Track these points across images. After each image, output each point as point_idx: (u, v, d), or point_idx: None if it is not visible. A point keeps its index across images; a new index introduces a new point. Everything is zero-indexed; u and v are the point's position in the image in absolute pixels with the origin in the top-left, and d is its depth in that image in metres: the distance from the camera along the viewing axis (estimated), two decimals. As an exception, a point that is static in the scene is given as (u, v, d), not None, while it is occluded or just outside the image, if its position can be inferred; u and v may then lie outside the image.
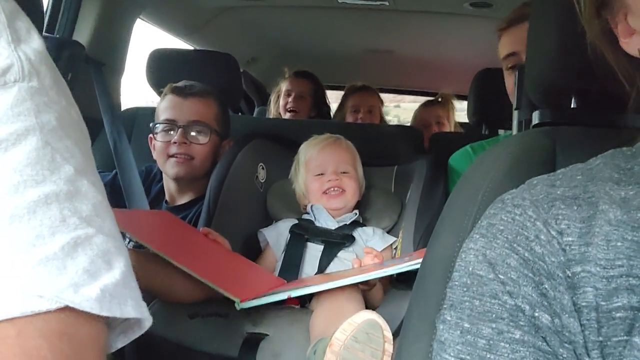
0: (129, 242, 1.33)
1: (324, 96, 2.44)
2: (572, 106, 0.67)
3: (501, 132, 1.81)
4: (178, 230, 1.26)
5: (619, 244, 0.39)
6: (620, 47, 0.47)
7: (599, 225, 0.40)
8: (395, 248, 1.33)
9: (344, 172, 1.35)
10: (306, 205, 1.39)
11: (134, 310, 0.36)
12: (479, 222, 0.47)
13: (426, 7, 1.83)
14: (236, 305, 0.96)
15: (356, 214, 1.35)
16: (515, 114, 0.81)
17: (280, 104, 2.33)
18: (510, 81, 1.23)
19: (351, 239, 1.28)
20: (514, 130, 0.81)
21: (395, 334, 0.81)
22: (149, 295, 1.02)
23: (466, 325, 0.42)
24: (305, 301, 1.11)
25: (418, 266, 0.60)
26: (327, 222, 1.33)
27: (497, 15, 1.74)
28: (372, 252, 1.11)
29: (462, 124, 2.53)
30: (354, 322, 0.81)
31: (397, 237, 1.34)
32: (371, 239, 1.30)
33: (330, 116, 2.54)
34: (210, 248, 1.18)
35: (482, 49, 2.19)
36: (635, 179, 0.42)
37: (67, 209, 0.35)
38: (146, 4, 1.76)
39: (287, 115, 2.29)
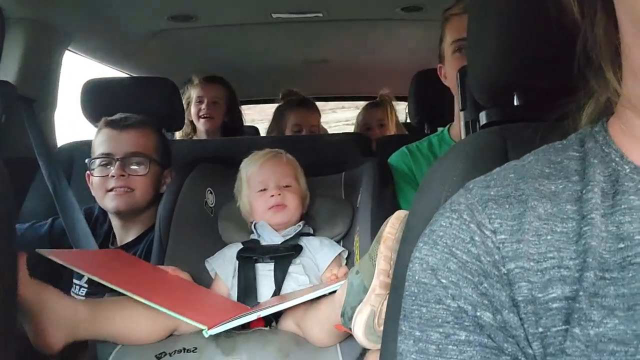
0: (80, 289, 1.27)
1: (236, 101, 2.36)
2: (515, 104, 0.69)
3: (440, 129, 1.86)
4: (134, 265, 1.21)
5: (549, 237, 0.40)
6: None
7: (528, 222, 0.42)
8: (348, 257, 1.34)
9: (286, 186, 1.35)
10: (252, 222, 1.38)
11: None
12: (424, 230, 0.48)
13: (359, 14, 1.86)
14: (204, 332, 0.93)
15: (300, 225, 1.34)
16: (461, 115, 0.83)
17: (192, 111, 2.23)
18: (455, 66, 1.26)
19: (298, 249, 1.28)
20: (462, 131, 0.83)
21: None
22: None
23: (417, 333, 0.43)
24: (270, 321, 1.09)
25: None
26: (273, 238, 1.32)
27: (428, 17, 1.80)
28: (333, 277, 1.10)
29: (406, 125, 2.59)
30: (399, 216, 0.84)
31: (353, 242, 1.34)
32: (319, 250, 1.30)
33: (242, 122, 2.47)
34: (170, 280, 1.14)
35: (416, 51, 2.26)
36: (564, 172, 0.44)
37: None
38: (74, 34, 1.69)
39: (200, 122, 2.20)
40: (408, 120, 3.04)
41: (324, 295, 1.00)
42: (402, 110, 2.71)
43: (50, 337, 0.77)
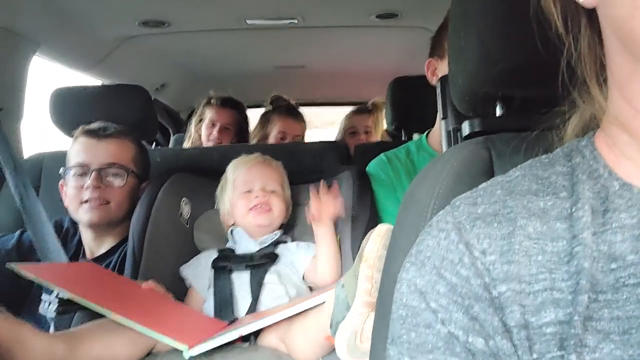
0: (50, 305, 1.22)
1: (247, 125, 2.38)
2: (497, 114, 0.69)
3: (415, 136, 1.86)
4: (107, 279, 1.17)
5: (539, 257, 0.39)
6: None
7: (518, 242, 0.40)
8: None
9: (272, 191, 1.34)
10: (230, 227, 1.36)
11: None
12: (411, 249, 0.46)
13: (334, 21, 1.85)
14: (184, 354, 0.90)
15: (277, 234, 1.33)
16: (442, 123, 0.83)
17: (203, 132, 2.24)
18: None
19: (274, 257, 1.26)
20: (443, 141, 0.83)
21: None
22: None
23: (406, 359, 0.41)
24: (248, 337, 1.07)
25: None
26: (249, 245, 1.31)
27: (403, 24, 1.80)
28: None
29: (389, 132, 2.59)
30: (380, 232, 0.83)
31: None
32: (295, 253, 1.29)
33: (247, 141, 2.48)
34: (145, 295, 1.11)
35: (392, 58, 2.27)
36: (552, 188, 0.43)
37: None
38: (42, 39, 1.63)
39: (208, 145, 2.22)
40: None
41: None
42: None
43: None
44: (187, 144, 2.34)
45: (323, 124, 3.95)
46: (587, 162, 0.43)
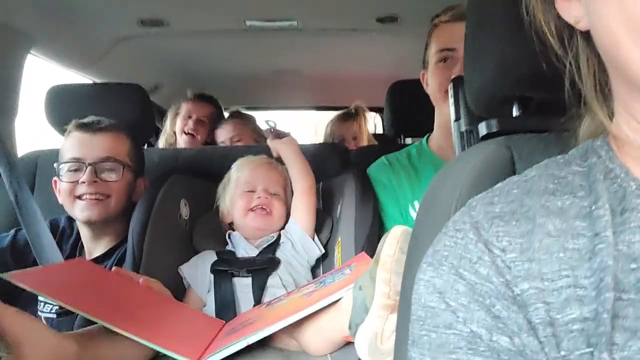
0: (52, 308, 1.19)
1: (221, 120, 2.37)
2: (514, 114, 0.69)
3: (408, 140, 1.87)
4: (103, 280, 1.14)
5: (561, 254, 0.39)
6: (553, 10, 0.47)
7: (538, 240, 0.40)
8: (327, 265, 1.32)
9: (274, 194, 1.33)
10: (228, 225, 1.35)
11: None
12: (427, 251, 0.46)
13: (334, 25, 1.85)
14: None
15: (274, 237, 1.32)
16: (454, 125, 0.82)
17: (177, 125, 2.25)
18: (438, 76, 1.25)
19: (276, 261, 1.25)
20: (456, 142, 0.82)
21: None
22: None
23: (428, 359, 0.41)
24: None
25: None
26: (247, 250, 1.29)
27: (404, 29, 1.81)
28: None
29: (375, 136, 2.60)
30: (396, 235, 0.82)
31: (334, 253, 1.32)
32: (291, 251, 1.28)
33: None
34: (145, 298, 1.08)
35: (390, 62, 2.27)
36: (570, 188, 0.43)
37: None
38: (37, 37, 1.60)
39: (183, 137, 2.22)
40: (377, 131, 3.06)
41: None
42: (371, 120, 2.72)
43: None
44: (161, 142, 2.32)
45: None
46: (603, 162, 0.44)
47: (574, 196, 0.42)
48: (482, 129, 0.68)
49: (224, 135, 2.18)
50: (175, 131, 2.26)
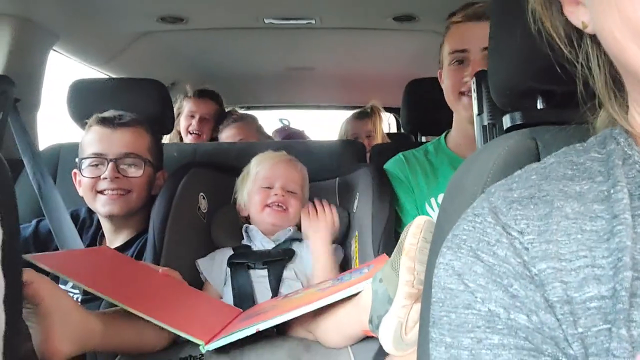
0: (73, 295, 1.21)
1: (225, 116, 2.36)
2: (538, 107, 0.69)
3: (423, 139, 1.87)
4: (124, 266, 1.16)
5: (579, 235, 0.40)
6: (560, 16, 0.48)
7: (556, 222, 0.41)
8: (345, 262, 1.33)
9: (291, 192, 1.34)
10: (245, 218, 1.36)
11: None
12: (447, 236, 0.47)
13: (351, 23, 1.86)
14: (201, 348, 0.90)
15: (290, 230, 1.33)
16: (476, 119, 0.83)
17: (181, 124, 2.24)
18: (451, 78, 1.26)
19: (291, 253, 1.27)
20: (478, 136, 0.83)
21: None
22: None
23: (448, 339, 0.42)
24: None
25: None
26: (264, 243, 1.31)
27: (422, 28, 1.81)
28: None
29: (389, 135, 2.61)
30: (419, 224, 0.83)
31: (351, 247, 1.34)
32: (306, 256, 1.29)
33: None
34: (163, 284, 1.10)
35: (406, 61, 2.28)
36: (588, 173, 0.44)
37: None
38: (60, 33, 1.63)
39: (188, 137, 2.22)
40: (391, 130, 3.07)
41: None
42: (385, 120, 2.73)
43: (57, 346, 0.72)
44: (165, 141, 2.26)
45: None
46: (621, 148, 0.44)
47: (592, 181, 0.43)
48: (507, 121, 0.69)
49: (229, 140, 2.18)
50: (180, 130, 2.25)
